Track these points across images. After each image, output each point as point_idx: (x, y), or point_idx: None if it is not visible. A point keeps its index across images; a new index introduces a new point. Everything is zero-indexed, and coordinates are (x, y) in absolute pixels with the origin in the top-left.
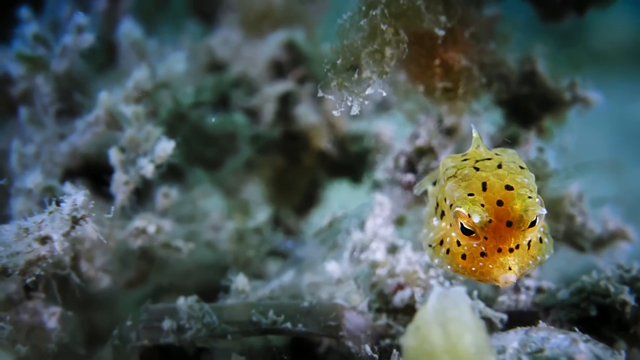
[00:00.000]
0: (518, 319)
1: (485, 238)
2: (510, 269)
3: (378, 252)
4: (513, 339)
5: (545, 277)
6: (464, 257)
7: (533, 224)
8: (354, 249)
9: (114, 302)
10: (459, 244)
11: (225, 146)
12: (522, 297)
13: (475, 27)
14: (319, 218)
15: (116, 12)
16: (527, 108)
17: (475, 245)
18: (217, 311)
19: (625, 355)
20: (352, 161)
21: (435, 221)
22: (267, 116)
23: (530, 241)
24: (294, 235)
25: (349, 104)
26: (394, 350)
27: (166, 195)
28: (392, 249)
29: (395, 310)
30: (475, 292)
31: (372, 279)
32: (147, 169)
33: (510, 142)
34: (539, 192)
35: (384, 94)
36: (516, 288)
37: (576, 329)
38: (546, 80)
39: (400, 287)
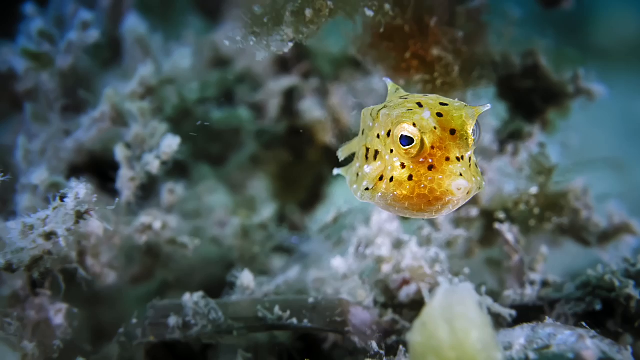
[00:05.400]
0: (523, 313)
1: (432, 147)
2: (461, 175)
3: (383, 247)
4: (519, 335)
5: (550, 270)
6: (410, 177)
7: (473, 142)
8: (359, 244)
9: (120, 298)
10: (403, 166)
11: (229, 141)
12: (528, 291)
13: (442, 15)
14: (324, 214)
15: (121, 9)
16: (531, 101)
17: (422, 160)
18: (222, 307)
19: (632, 350)
20: None
21: (367, 168)
22: (272, 111)
23: (470, 159)
24: (299, 231)
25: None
26: (400, 346)
27: (172, 191)
28: (398, 244)
29: (401, 305)
30: (483, 288)
31: (378, 275)
32: (153, 165)
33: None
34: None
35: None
36: (521, 282)
37: (583, 324)
38: (549, 73)
39: (405, 282)
